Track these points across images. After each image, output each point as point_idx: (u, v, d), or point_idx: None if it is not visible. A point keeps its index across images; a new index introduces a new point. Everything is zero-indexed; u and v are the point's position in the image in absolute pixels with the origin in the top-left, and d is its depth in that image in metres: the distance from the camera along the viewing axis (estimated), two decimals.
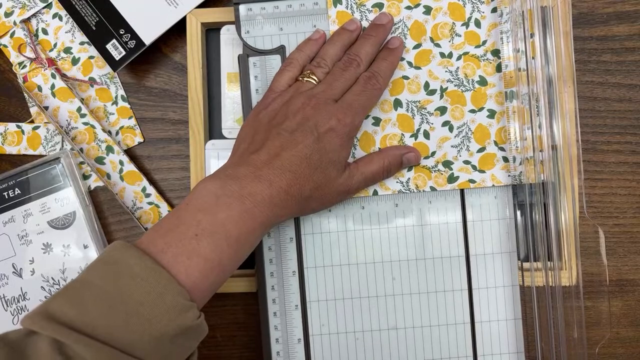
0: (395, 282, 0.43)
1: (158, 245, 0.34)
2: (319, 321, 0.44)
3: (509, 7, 0.42)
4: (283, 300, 0.44)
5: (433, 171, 0.43)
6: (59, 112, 0.50)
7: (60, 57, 0.51)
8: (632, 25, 0.47)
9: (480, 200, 0.44)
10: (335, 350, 0.43)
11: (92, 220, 0.49)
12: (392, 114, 0.44)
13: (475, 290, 0.43)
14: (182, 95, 0.50)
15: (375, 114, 0.44)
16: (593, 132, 0.48)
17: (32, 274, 0.49)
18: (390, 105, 0.44)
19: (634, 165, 0.47)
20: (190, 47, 0.47)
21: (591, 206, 0.48)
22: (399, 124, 0.44)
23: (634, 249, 0.47)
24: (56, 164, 0.49)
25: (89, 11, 0.48)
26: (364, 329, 0.44)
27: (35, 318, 0.30)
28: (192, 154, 0.46)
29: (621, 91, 0.47)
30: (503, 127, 0.43)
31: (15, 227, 0.49)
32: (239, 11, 0.44)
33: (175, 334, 0.32)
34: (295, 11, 0.44)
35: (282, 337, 0.43)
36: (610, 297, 0.48)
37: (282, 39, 0.44)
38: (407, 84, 0.44)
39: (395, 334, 0.43)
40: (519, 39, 0.42)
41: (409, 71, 0.44)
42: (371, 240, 0.44)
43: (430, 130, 0.43)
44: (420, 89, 0.44)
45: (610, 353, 0.48)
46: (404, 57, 0.44)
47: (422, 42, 0.44)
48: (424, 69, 0.44)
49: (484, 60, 0.43)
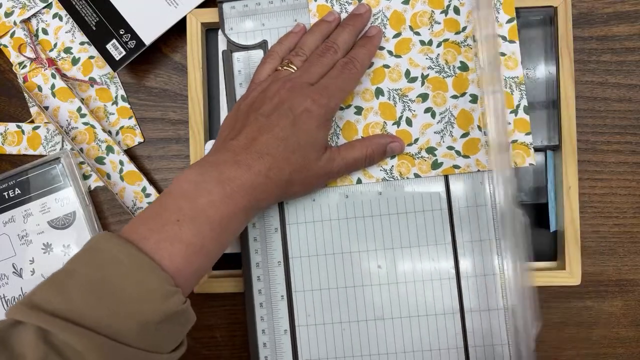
0: (380, 270, 0.43)
1: (141, 232, 0.34)
2: (305, 312, 0.43)
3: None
4: (269, 291, 0.44)
5: (416, 158, 0.43)
6: (59, 112, 0.50)
7: (61, 57, 0.51)
8: (632, 25, 0.47)
9: (465, 186, 0.43)
10: (322, 341, 0.43)
11: (92, 221, 0.49)
12: (373, 103, 0.44)
13: (464, 279, 0.43)
14: (182, 95, 0.50)
15: (357, 103, 0.44)
16: (593, 132, 0.48)
17: (32, 274, 0.49)
18: (371, 94, 0.44)
19: (634, 165, 0.47)
20: (190, 47, 0.47)
21: (591, 206, 0.48)
22: (380, 112, 0.44)
23: (634, 249, 0.47)
24: (56, 164, 0.49)
25: (89, 11, 0.48)
26: (351, 319, 0.43)
27: (19, 307, 0.30)
28: (192, 154, 0.46)
29: (621, 91, 0.47)
30: (485, 111, 0.43)
31: (16, 227, 0.49)
32: (223, 9, 0.46)
33: (160, 319, 0.32)
34: (276, 7, 0.45)
35: (269, 328, 0.44)
36: (610, 297, 0.48)
37: (264, 34, 0.46)
38: (387, 72, 0.44)
39: (383, 324, 0.43)
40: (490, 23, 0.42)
41: (390, 60, 0.44)
42: (355, 229, 0.44)
43: (412, 118, 0.44)
44: (402, 77, 0.44)
45: (610, 353, 0.48)
46: (384, 46, 0.44)
47: (402, 31, 0.44)
48: (404, 57, 0.44)
49: (464, 46, 0.44)
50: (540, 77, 0.45)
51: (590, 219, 0.48)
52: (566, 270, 0.44)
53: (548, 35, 0.45)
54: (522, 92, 0.43)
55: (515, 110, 0.43)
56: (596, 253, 0.48)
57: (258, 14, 0.46)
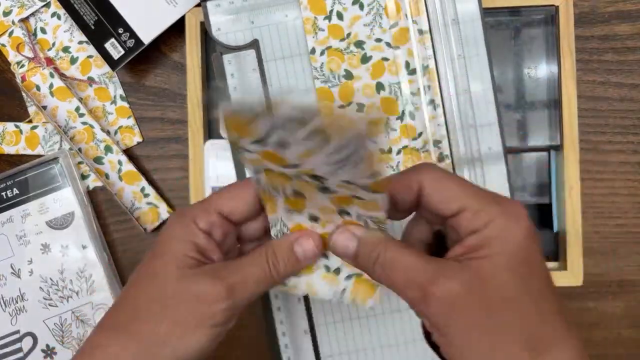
0: None
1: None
2: (323, 311, 0.43)
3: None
4: (286, 295, 0.43)
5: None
6: (58, 111, 0.50)
7: (59, 57, 0.50)
8: (633, 25, 0.47)
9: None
10: (341, 337, 0.43)
11: (90, 221, 0.49)
12: None
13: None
14: (181, 94, 0.50)
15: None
16: (594, 132, 0.47)
17: (30, 274, 0.48)
18: None
19: (635, 165, 0.47)
20: (189, 46, 0.46)
21: (593, 206, 0.47)
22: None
23: (636, 250, 0.47)
24: (55, 163, 0.49)
25: (88, 10, 0.48)
26: (369, 314, 0.43)
27: None
28: (191, 154, 0.46)
29: (623, 91, 0.47)
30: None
31: (14, 227, 0.49)
32: (207, 8, 0.43)
33: None
34: (265, 2, 0.43)
35: (289, 330, 0.43)
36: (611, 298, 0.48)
37: (254, 33, 0.44)
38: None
39: (400, 316, 0.43)
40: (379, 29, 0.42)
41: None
42: None
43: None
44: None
45: (611, 354, 0.48)
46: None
47: None
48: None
49: (347, 53, 0.43)
50: (541, 76, 0.45)
51: (592, 220, 0.47)
52: (568, 271, 0.44)
53: (549, 34, 0.45)
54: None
55: (400, 117, 0.43)
56: (598, 253, 0.47)
57: (246, 11, 0.43)
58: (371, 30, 0.43)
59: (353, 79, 0.43)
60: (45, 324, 0.48)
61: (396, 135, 0.43)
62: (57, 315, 0.48)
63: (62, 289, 0.48)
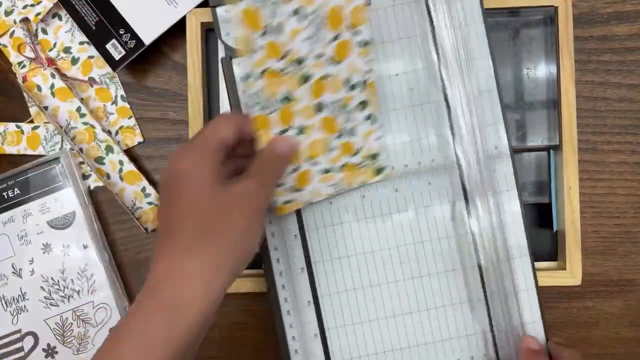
0: (404, 265, 0.43)
1: None
2: (333, 314, 0.43)
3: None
4: (294, 298, 0.43)
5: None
6: (59, 112, 0.50)
7: (60, 57, 0.51)
8: (632, 25, 0.47)
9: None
10: (352, 341, 0.43)
11: (91, 221, 0.49)
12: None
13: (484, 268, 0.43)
14: (182, 95, 0.50)
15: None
16: (593, 132, 0.47)
17: (31, 274, 0.48)
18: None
19: (634, 165, 0.47)
20: (190, 46, 0.46)
21: (592, 206, 0.48)
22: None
23: (635, 249, 0.47)
24: (56, 164, 0.49)
25: (89, 11, 0.48)
26: (379, 316, 0.43)
27: None
28: None
29: (621, 91, 0.47)
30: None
31: (15, 227, 0.49)
32: (217, 14, 0.43)
33: None
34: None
35: (298, 334, 0.43)
36: (610, 297, 0.48)
37: None
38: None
39: (411, 318, 0.43)
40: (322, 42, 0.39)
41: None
42: (375, 228, 0.43)
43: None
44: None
45: (610, 353, 0.48)
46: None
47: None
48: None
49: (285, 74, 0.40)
50: (540, 76, 0.45)
51: (591, 219, 0.47)
52: (567, 270, 0.44)
53: (548, 34, 0.45)
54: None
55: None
56: (597, 253, 0.48)
57: None
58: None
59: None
60: (47, 324, 0.48)
61: (336, 154, 0.41)
62: (58, 315, 0.48)
63: (63, 289, 0.48)
